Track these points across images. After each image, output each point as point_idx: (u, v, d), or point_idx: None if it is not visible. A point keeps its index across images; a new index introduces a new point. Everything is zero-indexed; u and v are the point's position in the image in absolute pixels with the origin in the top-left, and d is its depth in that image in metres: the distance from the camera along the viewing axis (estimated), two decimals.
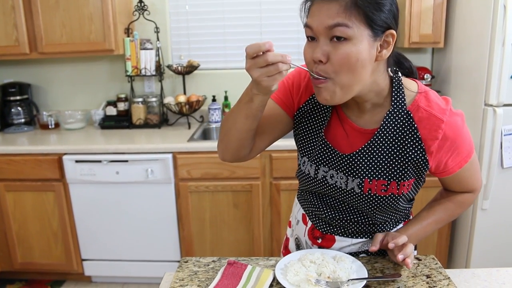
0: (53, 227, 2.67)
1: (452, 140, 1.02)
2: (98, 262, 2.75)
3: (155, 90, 3.11)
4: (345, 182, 1.09)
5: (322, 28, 0.92)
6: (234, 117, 1.06)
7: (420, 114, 1.01)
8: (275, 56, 0.87)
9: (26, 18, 2.68)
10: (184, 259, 1.20)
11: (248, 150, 1.14)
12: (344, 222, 1.16)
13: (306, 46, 0.98)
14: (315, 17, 0.93)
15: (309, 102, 1.13)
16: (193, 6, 3.03)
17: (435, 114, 1.00)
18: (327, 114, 1.11)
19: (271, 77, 0.89)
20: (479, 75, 2.29)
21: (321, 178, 1.12)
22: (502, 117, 2.21)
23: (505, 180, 2.32)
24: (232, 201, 2.57)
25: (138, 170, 2.52)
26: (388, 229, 1.18)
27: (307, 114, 1.14)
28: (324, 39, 0.93)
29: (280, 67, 0.88)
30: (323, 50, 0.93)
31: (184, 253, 2.68)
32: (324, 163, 1.11)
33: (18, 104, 3.01)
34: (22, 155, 2.56)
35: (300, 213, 1.28)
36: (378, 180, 1.05)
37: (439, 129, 1.00)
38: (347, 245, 1.19)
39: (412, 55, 3.02)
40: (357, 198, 1.09)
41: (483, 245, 2.42)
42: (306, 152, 1.15)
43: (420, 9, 2.59)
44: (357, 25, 0.90)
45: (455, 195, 1.19)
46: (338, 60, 0.91)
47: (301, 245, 1.28)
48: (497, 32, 2.14)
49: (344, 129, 1.10)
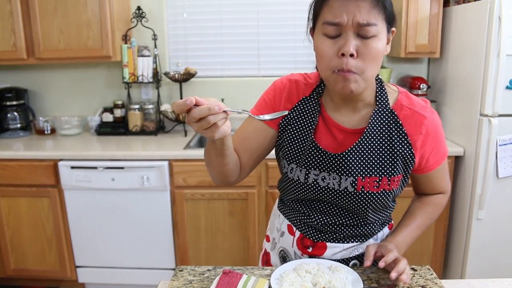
0: (47, 233, 2.66)
1: (433, 135, 1.10)
2: (92, 269, 2.73)
3: (152, 97, 3.11)
4: (338, 182, 1.10)
5: (351, 25, 0.95)
6: (207, 155, 1.10)
7: (404, 112, 1.09)
8: (200, 111, 0.84)
9: (24, 24, 2.69)
10: (179, 267, 1.19)
11: (236, 176, 1.17)
12: (335, 227, 1.17)
13: (328, 43, 0.99)
14: (342, 14, 0.95)
15: (294, 110, 1.16)
16: (191, 14, 3.05)
17: (418, 111, 1.09)
18: (314, 118, 1.14)
19: (207, 129, 0.87)
20: (475, 85, 2.31)
21: (312, 182, 1.13)
22: (497, 127, 2.22)
23: (501, 190, 2.32)
24: (228, 209, 2.57)
25: (134, 177, 2.51)
26: (377, 231, 1.21)
27: (293, 121, 1.16)
28: (352, 34, 0.96)
29: (210, 120, 0.85)
30: (354, 45, 0.96)
31: (179, 261, 2.67)
32: (314, 166, 1.12)
33: (14, 109, 3.01)
34: (18, 160, 2.55)
35: (285, 224, 1.26)
36: (370, 177, 1.08)
37: (422, 125, 1.08)
38: (338, 251, 1.19)
39: (408, 65, 3.04)
40: (350, 197, 1.11)
41: (478, 255, 2.42)
42: (294, 158, 1.15)
43: (416, 20, 2.62)
44: (381, 22, 0.97)
45: (430, 198, 1.24)
46: (369, 55, 0.97)
47: (288, 257, 1.26)
48: (492, 43, 2.16)
49: (331, 132, 1.13)
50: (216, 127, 0.87)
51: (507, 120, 2.25)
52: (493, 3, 2.13)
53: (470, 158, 2.38)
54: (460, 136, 2.51)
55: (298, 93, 1.17)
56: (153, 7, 2.99)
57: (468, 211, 2.41)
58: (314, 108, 1.14)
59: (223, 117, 0.87)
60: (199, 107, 0.84)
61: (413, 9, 2.60)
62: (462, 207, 2.47)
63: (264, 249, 1.37)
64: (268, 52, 3.03)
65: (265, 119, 0.98)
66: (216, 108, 0.84)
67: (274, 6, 2.97)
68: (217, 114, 0.85)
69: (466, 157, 2.42)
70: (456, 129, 2.57)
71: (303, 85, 1.17)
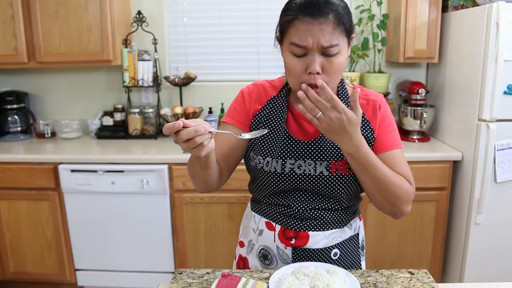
0: (47, 236, 2.66)
1: (387, 119, 1.22)
2: (92, 273, 2.73)
3: (152, 101, 3.13)
4: (314, 168, 1.19)
5: (316, 48, 1.06)
6: (192, 168, 1.19)
7: (361, 101, 1.22)
8: (188, 134, 0.93)
9: (25, 28, 2.70)
10: (178, 270, 1.20)
11: (217, 183, 1.25)
12: (315, 212, 1.22)
13: (295, 61, 1.10)
14: (308, 37, 1.05)
15: (264, 109, 1.27)
16: (191, 19, 3.07)
17: (373, 99, 1.24)
18: (284, 113, 1.24)
19: (194, 149, 0.97)
20: (473, 90, 2.32)
21: (289, 171, 1.20)
22: (495, 132, 2.24)
23: (499, 194, 2.33)
24: (227, 212, 2.57)
25: (133, 181, 2.52)
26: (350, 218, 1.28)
27: (264, 118, 1.26)
28: (317, 54, 1.07)
29: (197, 141, 0.94)
30: (319, 63, 1.07)
31: (178, 264, 2.67)
32: (290, 155, 1.20)
33: (14, 112, 3.02)
34: (18, 163, 2.56)
35: (263, 222, 1.30)
36: (342, 160, 1.18)
37: (377, 110, 1.22)
38: (320, 239, 1.23)
39: (407, 70, 3.05)
40: (326, 181, 1.19)
41: (477, 259, 2.43)
42: (269, 151, 1.22)
43: (415, 25, 2.63)
44: (342, 39, 1.08)
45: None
46: (332, 70, 1.09)
47: (270, 253, 1.28)
48: (490, 48, 2.17)
49: (300, 125, 1.24)
50: (203, 146, 0.96)
51: (505, 125, 2.26)
52: (490, 9, 2.15)
53: (468, 163, 2.39)
54: (458, 140, 2.52)
55: (266, 94, 1.29)
56: (154, 11, 3.01)
57: (466, 216, 2.42)
58: (283, 105, 1.25)
59: (209, 137, 0.97)
60: (187, 129, 0.93)
61: (412, 15, 2.62)
62: (461, 212, 2.48)
63: (239, 255, 1.39)
64: (267, 56, 3.05)
65: (246, 138, 1.09)
66: (202, 130, 0.93)
67: (274, 11, 2.94)
68: (203, 135, 0.95)
69: (464, 162, 2.43)
70: (455, 134, 2.58)
71: (269, 88, 1.30)
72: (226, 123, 1.29)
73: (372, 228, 2.57)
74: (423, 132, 2.78)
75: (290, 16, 1.08)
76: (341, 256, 1.26)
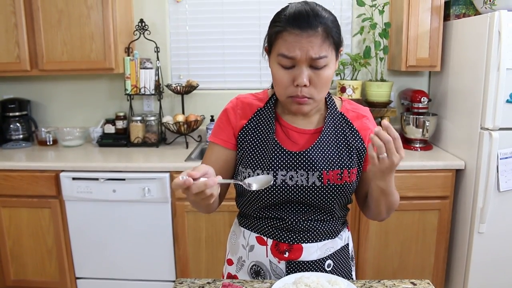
0: (47, 244, 2.65)
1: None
2: (92, 281, 2.72)
3: (154, 109, 3.13)
4: (306, 178, 1.17)
5: (305, 59, 1.07)
6: (195, 206, 1.18)
7: (351, 114, 1.25)
8: (198, 188, 0.94)
9: (28, 36, 2.72)
10: (179, 280, 1.19)
11: (218, 205, 1.27)
12: (308, 223, 1.20)
13: (283, 73, 1.11)
14: (296, 49, 1.06)
15: (250, 122, 1.25)
16: (193, 27, 3.08)
17: (361, 112, 1.27)
18: (272, 125, 1.23)
19: (204, 199, 0.98)
20: (475, 99, 2.32)
21: (281, 183, 1.18)
22: (498, 140, 2.23)
23: (502, 203, 2.32)
24: (229, 221, 2.56)
25: (135, 189, 2.52)
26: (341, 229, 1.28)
27: (251, 131, 1.24)
28: (305, 66, 1.08)
29: (207, 193, 0.96)
30: (307, 75, 1.08)
31: (180, 273, 2.66)
32: (281, 166, 1.18)
33: (17, 120, 3.03)
34: (19, 171, 2.56)
35: (253, 237, 1.27)
36: (334, 170, 1.18)
37: (367, 122, 1.25)
38: (314, 251, 1.22)
39: (409, 78, 3.05)
40: (318, 192, 1.18)
41: (480, 269, 2.41)
42: (259, 164, 1.20)
43: (417, 34, 2.64)
44: (331, 52, 1.09)
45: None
46: (320, 83, 1.10)
47: (262, 269, 1.25)
48: (492, 57, 2.17)
49: (289, 136, 1.23)
50: (212, 196, 0.98)
51: (508, 133, 2.25)
52: (492, 17, 2.15)
53: (471, 172, 2.38)
54: (461, 149, 2.51)
55: (251, 108, 1.27)
56: (156, 20, 3.02)
57: (469, 225, 2.40)
58: (270, 116, 1.24)
59: (217, 187, 0.99)
60: (196, 184, 0.94)
61: (414, 23, 2.62)
62: (464, 221, 2.46)
63: (228, 274, 1.35)
64: None
65: (253, 188, 1.08)
66: (211, 183, 0.95)
67: None
68: (212, 187, 0.96)
69: (467, 171, 2.42)
70: (457, 143, 2.57)
71: (255, 100, 1.28)
72: (213, 142, 1.28)
73: (375, 237, 2.56)
74: (425, 140, 2.77)
75: (279, 28, 1.08)
76: (334, 267, 1.26)
